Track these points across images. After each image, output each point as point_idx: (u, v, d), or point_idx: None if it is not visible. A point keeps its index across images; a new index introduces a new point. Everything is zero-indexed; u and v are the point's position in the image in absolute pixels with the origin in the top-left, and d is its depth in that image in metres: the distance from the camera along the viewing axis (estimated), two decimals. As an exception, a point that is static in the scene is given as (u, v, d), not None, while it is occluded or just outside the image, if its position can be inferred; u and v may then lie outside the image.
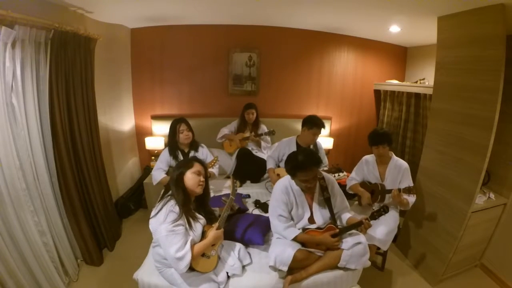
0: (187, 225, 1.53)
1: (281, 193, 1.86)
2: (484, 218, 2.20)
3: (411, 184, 2.16)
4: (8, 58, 1.68)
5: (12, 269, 1.69)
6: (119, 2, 2.35)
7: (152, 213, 1.57)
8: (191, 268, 1.49)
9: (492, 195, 2.26)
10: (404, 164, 2.26)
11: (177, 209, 1.53)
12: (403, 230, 2.71)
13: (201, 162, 1.74)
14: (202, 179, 1.66)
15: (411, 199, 2.13)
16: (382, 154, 2.26)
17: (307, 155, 1.74)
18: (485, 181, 2.34)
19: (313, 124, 2.59)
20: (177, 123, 2.61)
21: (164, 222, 1.47)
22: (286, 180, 1.91)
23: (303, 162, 1.71)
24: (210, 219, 1.75)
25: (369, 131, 2.33)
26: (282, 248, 1.68)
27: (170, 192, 1.62)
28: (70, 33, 2.05)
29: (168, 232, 1.45)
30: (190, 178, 1.62)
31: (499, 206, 2.27)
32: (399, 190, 2.06)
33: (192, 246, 1.49)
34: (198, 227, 1.60)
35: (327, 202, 1.87)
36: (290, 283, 1.62)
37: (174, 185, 1.61)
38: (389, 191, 2.16)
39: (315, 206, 1.90)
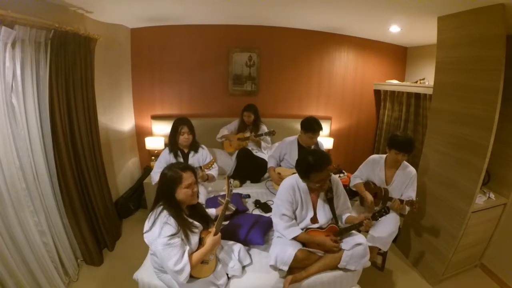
0: (183, 236, 1.48)
1: (287, 192, 1.84)
2: (484, 218, 2.20)
3: (414, 194, 2.15)
4: (8, 58, 1.68)
5: (12, 269, 1.69)
6: (119, 2, 2.35)
7: (146, 227, 1.50)
8: (191, 277, 1.45)
9: (492, 195, 2.26)
10: (413, 171, 2.21)
11: (171, 220, 1.46)
12: (403, 230, 2.71)
13: (190, 169, 1.60)
14: (194, 189, 1.58)
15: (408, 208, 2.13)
16: (400, 160, 2.18)
17: (318, 156, 1.71)
18: (485, 181, 2.34)
19: (308, 129, 2.59)
20: (179, 124, 2.52)
21: (159, 236, 1.42)
22: (293, 179, 1.89)
23: (317, 163, 1.68)
24: (206, 222, 1.69)
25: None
26: (283, 248, 1.68)
27: (161, 202, 1.54)
28: (70, 33, 2.05)
29: (164, 246, 1.40)
30: (182, 193, 1.53)
31: (499, 206, 2.27)
32: (402, 202, 2.07)
33: (190, 256, 1.44)
34: (194, 236, 1.56)
35: (329, 202, 1.87)
36: (291, 282, 1.62)
37: (165, 199, 1.53)
38: (391, 199, 2.16)
39: (319, 205, 1.89)
